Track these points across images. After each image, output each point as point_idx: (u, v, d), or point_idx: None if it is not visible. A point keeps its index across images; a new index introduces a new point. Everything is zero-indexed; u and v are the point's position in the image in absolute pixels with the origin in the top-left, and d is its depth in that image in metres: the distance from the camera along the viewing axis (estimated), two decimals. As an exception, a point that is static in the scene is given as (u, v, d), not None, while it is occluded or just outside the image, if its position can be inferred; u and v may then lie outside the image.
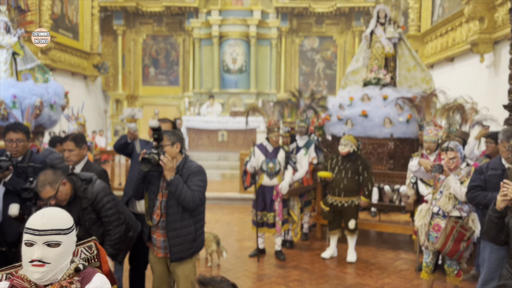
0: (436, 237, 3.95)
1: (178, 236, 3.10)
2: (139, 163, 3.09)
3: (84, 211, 3.03)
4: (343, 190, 5.33)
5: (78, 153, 3.52)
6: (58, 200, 2.89)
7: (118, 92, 15.60)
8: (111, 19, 15.47)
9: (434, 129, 4.82)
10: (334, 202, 5.40)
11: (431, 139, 4.73)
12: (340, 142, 5.38)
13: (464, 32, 8.57)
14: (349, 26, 15.42)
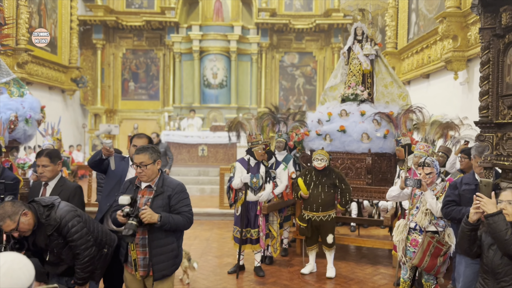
0: (413, 252, 3.99)
1: (162, 253, 3.04)
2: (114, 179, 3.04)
3: (50, 237, 2.94)
4: (320, 205, 5.34)
5: (53, 169, 3.44)
6: (20, 232, 2.79)
7: (96, 106, 15.42)
8: (90, 33, 15.37)
9: (425, 145, 4.89)
10: (312, 218, 5.39)
11: (421, 155, 4.79)
12: (314, 157, 5.40)
13: (439, 49, 8.81)
14: (328, 43, 15.68)
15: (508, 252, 2.45)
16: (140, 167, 3.06)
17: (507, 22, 2.87)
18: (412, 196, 4.09)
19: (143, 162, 3.06)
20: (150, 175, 3.09)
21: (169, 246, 3.06)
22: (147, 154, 3.08)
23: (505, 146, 2.92)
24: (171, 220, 2.98)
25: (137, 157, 3.09)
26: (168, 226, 2.97)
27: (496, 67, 3.05)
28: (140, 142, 3.71)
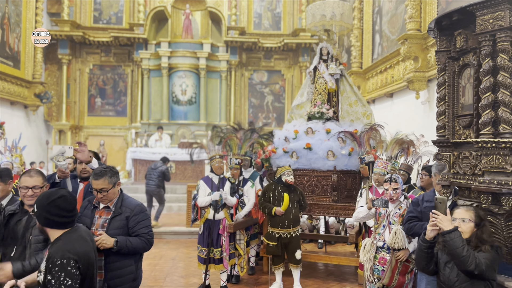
0: (382, 271, 4.02)
1: (119, 276, 2.93)
2: None
3: None
4: (292, 221, 5.35)
5: (3, 189, 3.29)
6: None
7: (61, 122, 15.01)
8: (56, 47, 15.04)
9: (384, 162, 4.98)
10: (283, 235, 5.36)
11: (381, 172, 4.88)
12: (284, 172, 5.42)
13: (401, 70, 9.11)
14: (296, 61, 15.94)
15: (465, 268, 2.50)
16: (101, 192, 2.96)
17: (461, 45, 2.99)
18: (377, 215, 4.14)
19: (103, 188, 2.96)
20: (111, 198, 3.01)
21: (127, 269, 2.96)
22: (106, 179, 2.97)
23: (461, 165, 3.01)
24: (128, 244, 2.89)
25: (95, 183, 2.97)
26: (125, 250, 2.88)
27: (451, 88, 3.17)
28: (83, 157, 3.62)
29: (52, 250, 2.24)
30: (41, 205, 2.33)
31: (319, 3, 6.98)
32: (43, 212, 2.33)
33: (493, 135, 2.68)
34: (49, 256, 2.24)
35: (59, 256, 2.21)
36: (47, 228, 2.34)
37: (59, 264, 2.19)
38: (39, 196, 2.39)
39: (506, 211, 2.65)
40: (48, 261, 2.22)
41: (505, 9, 2.62)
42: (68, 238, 2.31)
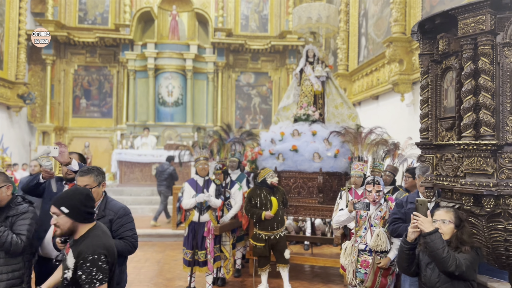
0: (365, 274, 4.03)
1: None
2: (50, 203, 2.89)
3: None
4: (279, 223, 5.37)
5: None
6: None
7: (45, 123, 14.80)
8: (39, 48, 14.82)
9: (360, 164, 5.01)
10: (271, 236, 5.36)
11: (357, 174, 4.92)
12: (268, 175, 5.39)
13: (387, 72, 9.20)
14: (283, 63, 15.99)
15: (445, 269, 2.53)
16: None
17: (444, 48, 3.02)
18: (358, 217, 4.15)
19: (87, 185, 2.93)
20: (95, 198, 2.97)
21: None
22: (92, 177, 2.97)
23: (443, 167, 3.04)
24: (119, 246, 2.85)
25: (81, 179, 2.96)
26: None
27: (434, 91, 3.19)
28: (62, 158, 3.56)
29: (82, 247, 2.32)
30: (79, 200, 2.40)
31: (306, 5, 7.02)
32: (82, 207, 2.40)
33: (474, 137, 2.71)
34: (79, 253, 2.31)
35: (90, 252, 2.30)
36: (80, 224, 2.40)
37: (91, 260, 2.28)
38: (71, 193, 2.45)
39: (487, 212, 2.68)
40: (78, 257, 2.30)
41: (486, 13, 2.65)
42: (94, 234, 2.40)
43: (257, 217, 5.34)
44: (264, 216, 5.28)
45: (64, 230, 2.40)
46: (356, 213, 4.16)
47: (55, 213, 2.39)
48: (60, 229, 2.40)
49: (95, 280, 2.29)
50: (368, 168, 5.42)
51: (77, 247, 2.35)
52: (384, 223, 4.12)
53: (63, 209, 2.37)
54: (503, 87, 2.68)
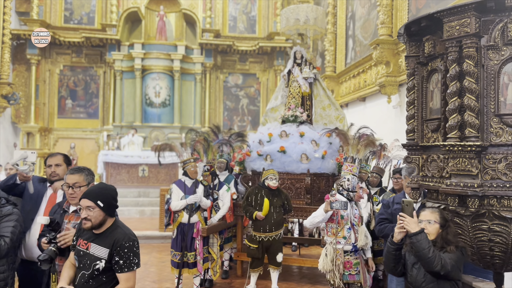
0: (349, 275, 4.04)
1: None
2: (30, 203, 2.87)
3: None
4: (273, 225, 5.33)
5: None
6: None
7: (29, 124, 14.57)
8: (24, 47, 14.62)
9: (348, 165, 5.04)
10: (265, 238, 5.34)
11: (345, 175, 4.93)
12: (267, 177, 5.39)
13: (374, 74, 9.27)
14: (271, 65, 16.01)
15: (431, 269, 2.56)
16: (73, 188, 2.92)
17: (430, 51, 3.06)
18: (339, 218, 4.13)
19: (76, 183, 2.93)
20: None
21: None
22: (82, 175, 2.97)
23: (429, 168, 3.08)
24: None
25: (70, 177, 2.95)
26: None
27: (420, 93, 3.23)
28: (54, 161, 3.52)
29: (117, 236, 2.54)
30: (111, 195, 2.63)
31: (293, 7, 7.04)
32: (113, 201, 2.63)
33: (459, 138, 2.74)
34: (114, 241, 2.52)
35: (126, 240, 2.54)
36: (109, 217, 2.60)
37: (128, 246, 2.53)
38: (103, 188, 2.63)
39: (472, 212, 2.72)
40: (114, 246, 2.51)
41: (471, 16, 2.69)
42: (121, 225, 2.65)
43: (249, 215, 5.37)
44: (255, 216, 5.28)
45: (96, 223, 2.55)
46: (336, 214, 4.14)
47: (90, 207, 2.52)
48: (91, 222, 2.53)
49: (132, 264, 2.54)
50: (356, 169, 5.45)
51: (105, 239, 2.54)
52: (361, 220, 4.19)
53: (99, 203, 2.53)
54: (487, 89, 2.72)
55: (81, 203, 2.55)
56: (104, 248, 2.53)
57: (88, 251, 2.57)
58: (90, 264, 2.53)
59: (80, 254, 2.60)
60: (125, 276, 2.53)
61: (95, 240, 2.57)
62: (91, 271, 2.52)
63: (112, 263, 2.52)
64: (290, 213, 5.65)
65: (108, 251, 2.52)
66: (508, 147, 2.66)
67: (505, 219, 2.64)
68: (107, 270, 2.53)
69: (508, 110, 2.68)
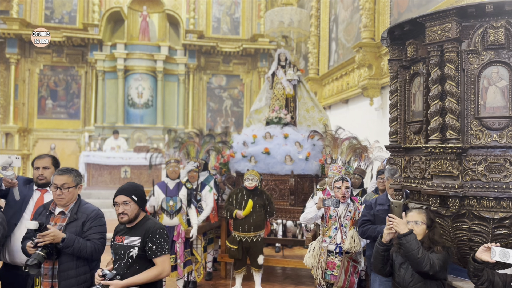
0: (331, 275, 4.09)
1: (73, 285, 2.83)
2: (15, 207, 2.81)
3: None
4: (252, 225, 5.32)
5: None
6: None
7: (8, 125, 14.27)
8: (3, 46, 14.33)
9: (337, 166, 5.09)
10: (243, 239, 5.35)
11: (335, 175, 4.98)
12: (245, 177, 5.42)
13: (356, 77, 9.38)
14: (255, 66, 16.04)
15: (420, 269, 2.60)
16: (61, 189, 2.88)
17: (412, 54, 3.12)
18: (328, 217, 4.20)
19: (65, 184, 2.90)
20: (69, 199, 2.92)
21: (81, 277, 2.86)
22: (71, 176, 2.95)
23: (412, 169, 3.13)
24: (76, 243, 2.80)
25: (59, 178, 2.92)
26: (71, 249, 2.78)
27: (403, 95, 3.29)
28: (42, 163, 3.45)
29: (148, 225, 2.80)
30: (141, 190, 2.88)
31: (278, 9, 7.09)
32: (144, 196, 2.90)
33: (441, 140, 2.80)
34: (147, 230, 2.77)
35: (157, 227, 2.81)
36: (141, 211, 2.87)
37: (159, 233, 2.79)
38: (134, 185, 2.89)
39: (452, 213, 2.78)
40: (146, 233, 2.76)
41: (452, 21, 2.75)
42: (151, 217, 2.94)
43: (230, 213, 5.38)
44: (235, 214, 5.29)
45: (132, 216, 2.79)
46: (325, 213, 4.21)
47: (126, 201, 2.76)
48: (127, 216, 2.77)
49: (164, 249, 2.79)
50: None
51: (138, 229, 2.80)
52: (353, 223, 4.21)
53: (133, 197, 2.78)
54: (468, 93, 2.79)
55: (117, 199, 2.78)
56: (137, 237, 2.77)
57: (123, 243, 2.79)
58: (125, 253, 2.76)
59: (116, 248, 2.82)
60: (159, 260, 2.77)
61: (128, 232, 2.81)
62: (126, 259, 2.75)
63: (145, 250, 2.75)
64: (272, 216, 5.63)
65: (141, 239, 2.75)
66: (488, 149, 2.73)
67: (485, 219, 2.71)
68: (140, 257, 2.75)
69: (488, 113, 2.75)
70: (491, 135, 2.73)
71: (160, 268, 2.77)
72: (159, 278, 2.82)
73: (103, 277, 2.65)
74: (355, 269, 4.13)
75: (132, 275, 2.73)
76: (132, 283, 2.70)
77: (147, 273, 2.75)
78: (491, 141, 2.72)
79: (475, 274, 2.45)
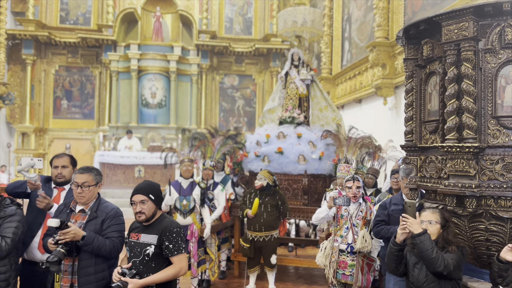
0: (343, 274, 4.08)
1: (91, 282, 2.88)
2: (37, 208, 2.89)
3: None
4: (263, 225, 5.34)
5: None
6: None
7: (25, 124, 14.52)
8: (20, 47, 14.57)
9: (346, 166, 5.08)
10: (255, 238, 5.37)
11: (343, 175, 4.98)
12: (257, 176, 5.45)
13: (370, 76, 9.34)
14: (267, 66, 16.05)
15: (434, 269, 2.59)
16: (82, 187, 2.94)
17: (428, 53, 3.10)
18: (339, 217, 4.19)
19: (86, 182, 2.96)
20: (89, 197, 2.98)
21: (100, 274, 2.91)
22: (91, 175, 3.01)
23: (427, 169, 3.12)
24: (96, 241, 2.85)
25: (80, 176, 2.98)
26: (90, 247, 2.83)
27: (419, 95, 3.27)
28: (61, 162, 3.52)
29: (165, 224, 2.83)
30: (158, 189, 2.91)
31: (291, 9, 7.09)
32: (160, 195, 2.92)
33: (457, 140, 2.78)
34: (163, 228, 2.80)
35: (174, 226, 2.85)
36: (158, 209, 2.90)
37: (176, 231, 2.84)
38: (150, 184, 2.92)
39: (469, 212, 2.77)
40: (163, 232, 2.79)
41: (469, 20, 2.74)
42: (167, 216, 2.97)
43: (241, 212, 5.46)
44: (245, 213, 5.34)
45: (149, 215, 2.82)
46: (337, 212, 4.20)
47: (143, 200, 2.79)
48: (145, 215, 2.80)
49: (181, 248, 2.83)
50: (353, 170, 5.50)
51: (154, 228, 2.82)
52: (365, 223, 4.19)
53: (151, 196, 2.80)
54: (485, 92, 2.77)
55: (134, 198, 2.81)
56: (153, 235, 2.79)
57: (138, 241, 2.83)
58: (141, 251, 2.79)
59: (132, 245, 2.86)
60: (176, 258, 2.81)
61: (145, 230, 2.84)
62: (142, 257, 2.78)
63: (162, 248, 2.78)
64: (285, 217, 5.59)
65: (157, 237, 2.78)
66: (505, 148, 2.71)
67: (502, 219, 2.68)
68: (156, 256, 2.77)
69: (505, 112, 2.73)
70: (509, 135, 2.70)
71: (177, 266, 2.81)
72: (177, 276, 2.85)
73: (122, 275, 2.69)
74: (371, 267, 4.13)
75: (148, 273, 2.76)
76: (151, 282, 2.73)
77: (166, 271, 2.78)
78: (508, 140, 2.70)
79: (500, 275, 2.43)
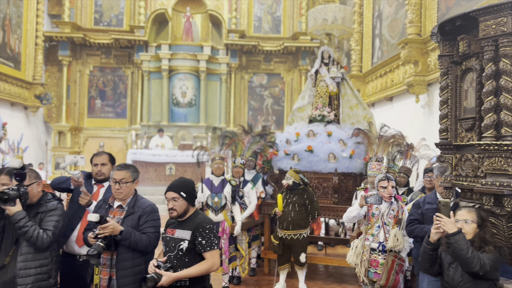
0: (375, 273, 4.06)
1: (129, 275, 2.97)
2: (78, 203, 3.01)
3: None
4: (290, 223, 5.34)
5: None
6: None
7: (61, 123, 15.03)
8: (56, 49, 15.09)
9: (376, 164, 5.04)
10: (284, 236, 5.39)
11: (375, 174, 4.94)
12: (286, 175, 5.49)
13: (401, 74, 9.18)
14: (296, 65, 16.01)
15: (470, 269, 2.54)
16: (120, 183, 3.05)
17: (464, 50, 3.04)
18: (370, 215, 4.17)
19: (123, 179, 3.06)
20: (127, 193, 3.08)
21: (137, 268, 3.00)
22: (128, 172, 3.10)
23: (463, 167, 3.07)
24: (133, 236, 2.95)
25: (118, 173, 3.08)
26: (127, 242, 2.93)
27: (454, 92, 3.22)
28: (100, 160, 3.66)
29: (199, 220, 2.89)
30: (191, 187, 2.96)
31: (321, 7, 7.06)
32: (194, 192, 2.97)
33: (495, 138, 2.73)
34: (197, 224, 2.86)
35: (207, 223, 2.90)
36: (191, 206, 2.95)
37: (209, 228, 2.88)
38: (184, 181, 2.98)
39: (507, 212, 2.70)
40: (197, 228, 2.85)
41: (508, 15, 2.67)
42: (201, 213, 3.03)
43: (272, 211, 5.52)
44: (274, 211, 5.39)
45: (181, 212, 2.89)
46: (368, 211, 4.18)
47: (175, 198, 2.86)
48: (176, 212, 2.88)
49: (213, 244, 2.88)
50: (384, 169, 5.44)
51: (188, 223, 2.89)
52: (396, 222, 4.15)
53: (182, 193, 2.86)
54: (524, 88, 2.70)
55: (167, 195, 2.88)
56: (187, 231, 2.86)
57: (173, 236, 2.90)
58: (175, 246, 2.86)
59: (167, 240, 2.94)
60: (209, 254, 2.86)
61: (179, 226, 2.91)
62: (176, 252, 2.85)
63: (195, 244, 2.83)
64: (314, 218, 5.48)
65: (191, 232, 2.84)
66: (546, 146, 2.64)
67: (542, 219, 2.62)
68: (190, 251, 2.84)
69: (546, 109, 2.65)
70: (550, 132, 2.63)
71: (210, 262, 2.86)
72: (209, 271, 2.91)
73: (157, 267, 2.78)
74: (401, 268, 4.08)
75: (182, 267, 2.82)
76: (184, 275, 2.80)
77: (198, 266, 2.84)
78: (549, 138, 2.63)
79: None
